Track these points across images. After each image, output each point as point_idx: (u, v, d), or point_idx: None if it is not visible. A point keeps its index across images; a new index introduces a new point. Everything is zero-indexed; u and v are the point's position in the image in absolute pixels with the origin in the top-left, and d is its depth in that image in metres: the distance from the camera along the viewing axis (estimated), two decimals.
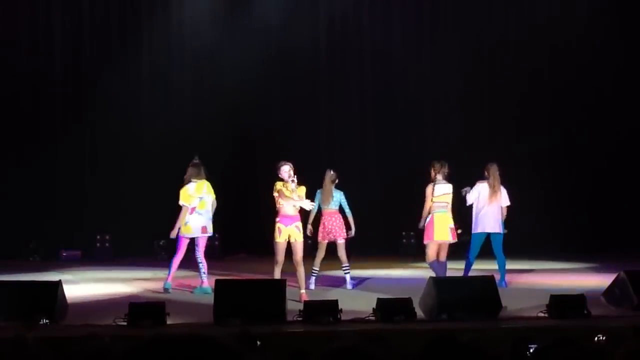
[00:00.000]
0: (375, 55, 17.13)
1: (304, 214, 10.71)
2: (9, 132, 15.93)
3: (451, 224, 11.01)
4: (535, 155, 16.88)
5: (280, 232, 10.36)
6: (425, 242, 11.12)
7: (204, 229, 11.21)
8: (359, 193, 15.05)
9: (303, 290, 10.24)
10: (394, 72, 17.01)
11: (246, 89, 16.41)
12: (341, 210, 11.73)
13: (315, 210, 11.52)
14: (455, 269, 11.74)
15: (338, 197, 11.67)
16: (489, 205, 11.56)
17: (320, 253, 11.60)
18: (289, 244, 10.41)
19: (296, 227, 10.36)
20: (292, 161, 10.50)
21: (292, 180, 10.27)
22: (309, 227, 11.60)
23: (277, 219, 10.39)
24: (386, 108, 16.92)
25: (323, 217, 11.61)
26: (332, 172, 11.75)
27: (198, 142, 16.00)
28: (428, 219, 10.98)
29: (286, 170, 10.39)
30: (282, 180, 10.37)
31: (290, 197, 10.26)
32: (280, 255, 10.37)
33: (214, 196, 11.36)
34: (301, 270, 10.37)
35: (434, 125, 17.09)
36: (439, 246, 11.02)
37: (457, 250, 11.90)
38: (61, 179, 16.19)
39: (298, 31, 16.54)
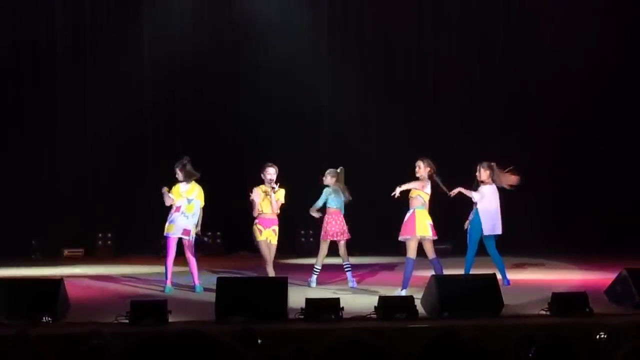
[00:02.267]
0: (377, 55, 17.11)
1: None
2: (10, 131, 15.92)
3: (430, 220, 10.87)
4: (536, 156, 16.88)
5: (260, 232, 10.85)
6: (406, 237, 10.81)
7: (185, 232, 11.12)
8: (360, 191, 15.04)
9: None
10: (395, 71, 16.99)
11: (248, 89, 16.41)
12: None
13: (319, 207, 11.57)
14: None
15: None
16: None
17: (323, 252, 11.60)
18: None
19: (273, 230, 10.90)
20: (277, 164, 10.97)
21: (272, 187, 10.76)
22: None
23: (256, 221, 10.89)
24: (387, 107, 16.88)
25: (330, 216, 11.60)
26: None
27: (201, 141, 16.04)
28: (409, 214, 10.85)
29: (271, 173, 10.77)
30: (263, 182, 10.89)
31: (268, 201, 10.75)
32: (266, 252, 10.79)
33: (202, 202, 11.22)
34: (270, 270, 10.77)
35: (435, 124, 17.06)
36: (420, 242, 10.82)
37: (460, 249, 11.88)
38: (63, 176, 16.19)
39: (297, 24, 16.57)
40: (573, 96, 16.96)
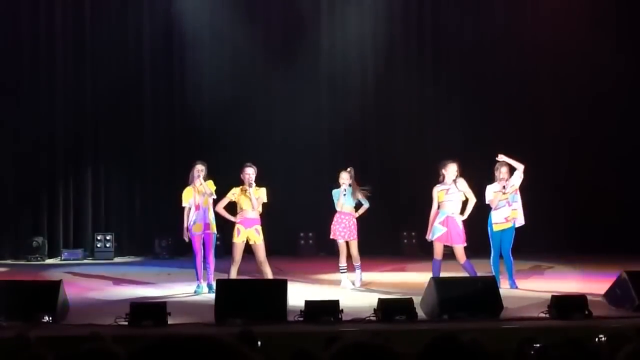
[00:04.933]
0: (378, 55, 17.10)
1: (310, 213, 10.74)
2: (11, 131, 15.91)
3: None
4: (536, 157, 16.86)
5: (239, 232, 10.83)
6: (463, 244, 10.98)
7: (206, 226, 11.27)
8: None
9: None
10: (396, 71, 16.98)
11: (248, 90, 16.40)
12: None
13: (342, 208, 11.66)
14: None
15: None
16: None
17: (344, 250, 11.63)
18: (249, 245, 10.85)
19: (255, 229, 10.82)
20: (255, 164, 11.02)
21: (249, 185, 10.78)
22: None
23: (238, 221, 10.86)
24: (388, 106, 16.87)
25: (341, 216, 11.65)
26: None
27: (203, 142, 16.00)
28: (459, 221, 10.96)
29: (249, 173, 10.87)
30: (243, 183, 10.88)
31: (248, 199, 10.76)
32: (237, 255, 10.79)
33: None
34: (267, 270, 10.75)
35: (436, 124, 17.02)
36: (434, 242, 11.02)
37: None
38: (63, 177, 16.17)
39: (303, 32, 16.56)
40: (573, 96, 16.95)
